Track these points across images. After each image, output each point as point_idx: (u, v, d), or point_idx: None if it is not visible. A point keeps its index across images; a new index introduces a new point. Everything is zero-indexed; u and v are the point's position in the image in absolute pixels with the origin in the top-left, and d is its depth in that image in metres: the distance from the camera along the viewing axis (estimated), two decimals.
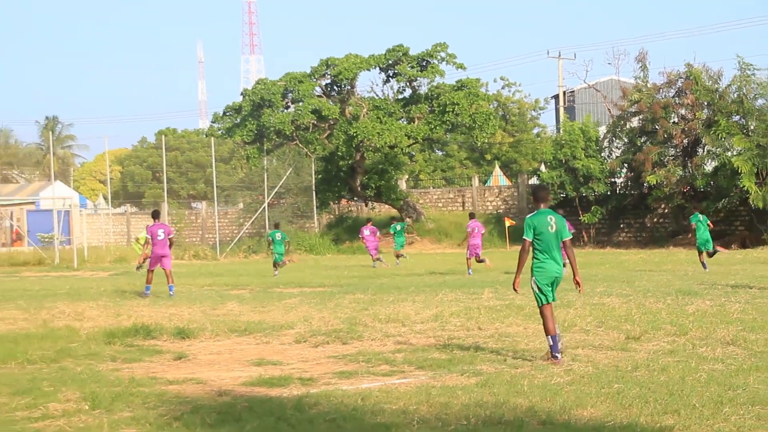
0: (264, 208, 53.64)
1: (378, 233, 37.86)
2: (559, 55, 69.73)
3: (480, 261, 30.35)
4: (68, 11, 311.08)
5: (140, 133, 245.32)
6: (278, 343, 14.29)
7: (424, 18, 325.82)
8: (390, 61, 54.98)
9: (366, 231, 37.35)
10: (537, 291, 12.13)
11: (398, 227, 38.32)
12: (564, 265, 12.44)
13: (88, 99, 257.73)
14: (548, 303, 12.06)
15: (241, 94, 56.69)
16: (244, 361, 12.66)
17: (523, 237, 12.07)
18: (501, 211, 57.99)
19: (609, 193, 51.51)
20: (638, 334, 13.83)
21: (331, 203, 59.88)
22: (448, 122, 53.28)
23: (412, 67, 54.62)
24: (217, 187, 55.25)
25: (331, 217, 62.72)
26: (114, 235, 66.82)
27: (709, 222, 30.00)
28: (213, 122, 59.13)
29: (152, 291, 23.48)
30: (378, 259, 36.39)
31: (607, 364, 11.49)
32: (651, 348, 12.74)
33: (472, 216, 32.10)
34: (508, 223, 49.19)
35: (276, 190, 54.45)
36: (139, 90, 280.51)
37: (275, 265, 32.30)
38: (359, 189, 56.52)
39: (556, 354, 11.74)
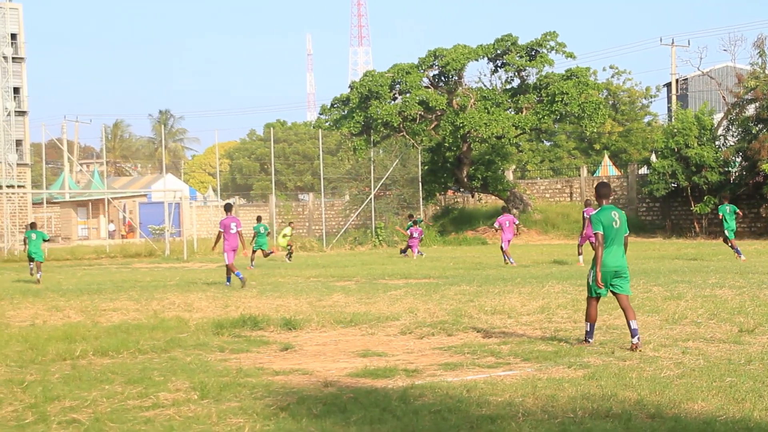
0: (370, 199, 53.85)
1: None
2: (672, 42, 68.28)
3: (503, 252, 31.64)
4: (180, 8, 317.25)
5: (249, 125, 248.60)
6: (383, 335, 14.30)
7: (533, 7, 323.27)
8: (498, 51, 54.68)
9: (415, 233, 39.76)
10: (591, 283, 12.50)
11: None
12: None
13: (200, 93, 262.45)
14: (597, 297, 12.53)
15: (349, 86, 56.98)
16: (350, 353, 12.69)
17: (595, 231, 12.40)
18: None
19: (722, 182, 50.23)
20: (752, 326, 13.49)
21: (438, 194, 59.85)
22: (556, 112, 52.79)
23: (521, 57, 54.22)
24: (324, 178, 55.63)
25: (437, 208, 62.70)
26: None
27: (737, 211, 31.03)
28: (321, 114, 59.61)
29: (249, 283, 23.84)
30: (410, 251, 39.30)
31: (719, 357, 11.22)
32: (765, 341, 12.41)
33: (504, 210, 33.53)
34: None
35: (382, 181, 54.63)
36: (248, 83, 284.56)
37: (263, 254, 34.65)
38: (466, 180, 56.36)
39: (589, 339, 12.51)
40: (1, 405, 9.48)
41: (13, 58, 67.50)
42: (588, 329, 12.53)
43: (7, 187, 57.73)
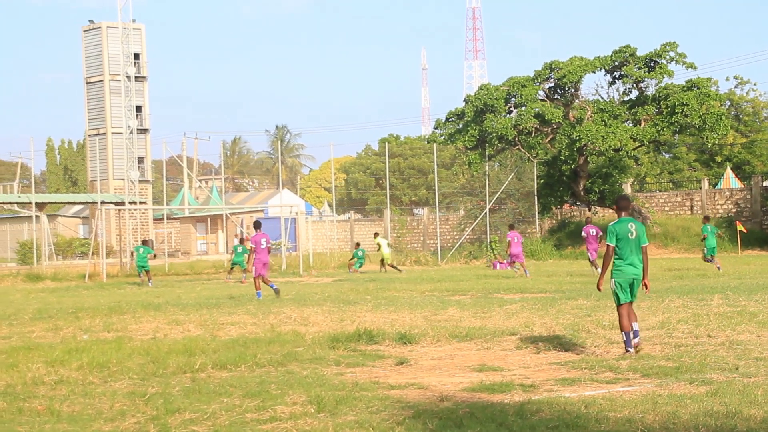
0: (485, 213, 53.66)
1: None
2: None
3: (518, 266, 33.55)
4: (295, 24, 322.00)
5: (364, 140, 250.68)
6: (499, 349, 14.19)
7: (652, 17, 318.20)
8: (616, 63, 53.97)
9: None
10: (614, 291, 13.26)
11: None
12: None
13: (316, 108, 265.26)
14: (624, 303, 13.16)
15: (464, 99, 56.95)
16: (465, 367, 12.63)
17: (607, 243, 13.28)
18: (732, 214, 55.80)
19: None
20: None
21: (554, 208, 59.30)
22: (676, 124, 51.84)
23: (639, 68, 53.41)
24: (438, 193, 55.65)
25: (553, 222, 62.08)
26: (338, 241, 68.32)
27: (718, 232, 33.28)
28: (435, 128, 59.68)
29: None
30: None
31: None
32: None
33: (511, 227, 34.90)
34: (739, 227, 47.24)
35: (497, 195, 54.39)
36: (364, 98, 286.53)
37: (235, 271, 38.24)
38: (582, 193, 55.70)
39: (629, 348, 12.96)
40: (124, 417, 9.69)
41: (135, 77, 69.34)
42: (625, 339, 13.07)
43: (130, 203, 59.22)
